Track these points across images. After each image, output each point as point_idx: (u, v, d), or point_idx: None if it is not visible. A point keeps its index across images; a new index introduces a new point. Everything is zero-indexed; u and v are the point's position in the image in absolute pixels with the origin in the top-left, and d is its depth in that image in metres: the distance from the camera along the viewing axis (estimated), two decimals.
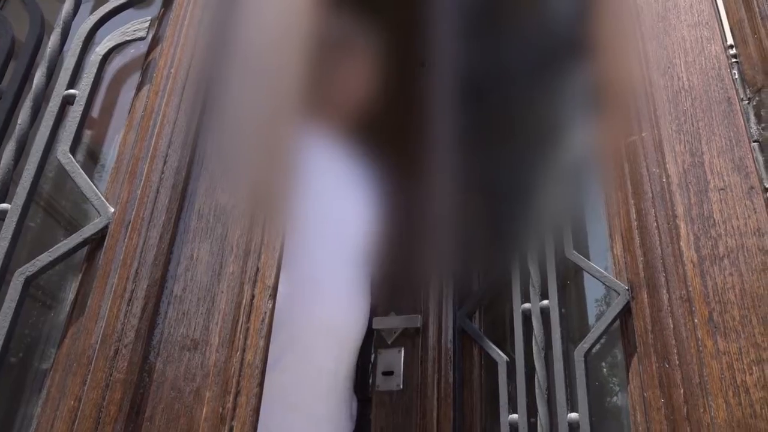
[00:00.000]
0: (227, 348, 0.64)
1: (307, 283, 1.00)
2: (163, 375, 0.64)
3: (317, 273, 1.03)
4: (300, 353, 0.97)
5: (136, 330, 0.64)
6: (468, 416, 1.04)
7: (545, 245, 1.05)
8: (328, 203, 1.12)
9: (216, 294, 0.68)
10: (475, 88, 1.26)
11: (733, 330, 0.77)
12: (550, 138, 1.12)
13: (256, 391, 0.62)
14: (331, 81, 1.21)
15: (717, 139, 0.89)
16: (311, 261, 1.02)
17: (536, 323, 1.00)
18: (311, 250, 1.03)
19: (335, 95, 1.24)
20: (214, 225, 0.72)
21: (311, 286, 1.01)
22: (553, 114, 1.13)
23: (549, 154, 1.11)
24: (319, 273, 1.04)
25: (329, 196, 1.13)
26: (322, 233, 1.08)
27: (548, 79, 1.14)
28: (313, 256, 1.03)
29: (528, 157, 1.14)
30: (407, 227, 1.21)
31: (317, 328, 1.01)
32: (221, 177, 0.76)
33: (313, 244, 1.06)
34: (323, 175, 1.14)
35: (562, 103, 1.12)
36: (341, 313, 1.06)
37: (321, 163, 1.15)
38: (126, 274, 0.67)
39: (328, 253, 1.07)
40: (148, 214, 0.70)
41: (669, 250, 0.86)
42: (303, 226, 1.01)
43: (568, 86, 1.12)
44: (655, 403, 0.81)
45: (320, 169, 1.13)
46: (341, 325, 1.05)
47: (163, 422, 0.61)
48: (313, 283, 1.02)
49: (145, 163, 0.75)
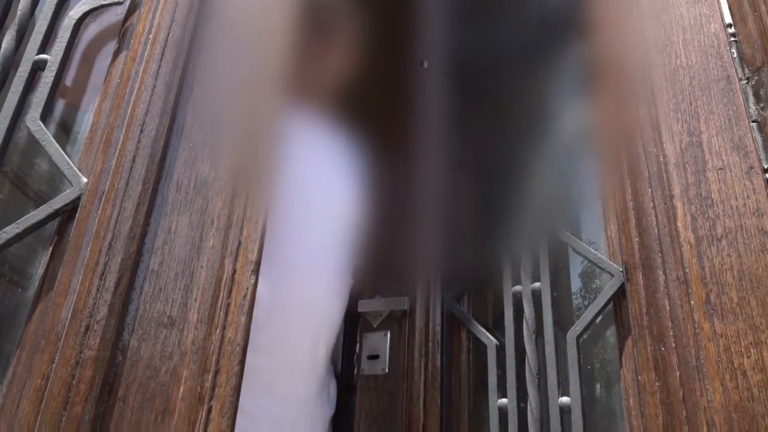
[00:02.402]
0: (206, 325, 0.61)
1: (285, 262, 0.97)
2: (137, 353, 0.60)
3: (297, 252, 1.00)
4: (276, 333, 0.93)
5: (109, 305, 0.60)
6: (455, 401, 1.01)
7: (537, 227, 1.02)
8: (311, 182, 1.08)
9: (195, 269, 0.64)
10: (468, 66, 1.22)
11: (730, 312, 0.75)
12: (544, 118, 1.09)
13: (236, 370, 0.58)
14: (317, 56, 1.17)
15: (716, 118, 0.87)
16: (291, 240, 0.99)
17: (527, 306, 0.97)
18: (292, 229, 0.99)
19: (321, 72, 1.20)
20: (193, 197, 0.68)
21: (290, 266, 0.98)
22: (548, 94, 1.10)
23: (542, 135, 1.09)
24: (299, 253, 1.00)
25: (313, 175, 1.10)
26: (305, 212, 1.05)
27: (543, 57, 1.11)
28: (293, 235, 0.99)
29: (520, 137, 1.11)
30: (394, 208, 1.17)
31: (295, 308, 0.97)
32: (202, 148, 0.72)
33: (295, 223, 1.02)
34: (308, 154, 1.10)
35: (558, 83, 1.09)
36: (321, 293, 1.02)
37: (306, 141, 1.11)
38: (99, 246, 0.63)
39: (310, 233, 1.03)
40: (123, 185, 0.66)
41: (666, 230, 0.83)
42: (285, 205, 0.97)
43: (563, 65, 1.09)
44: (649, 386, 0.79)
45: (305, 147, 1.10)
46: (320, 306, 1.01)
47: (137, 402, 0.57)
48: (293, 262, 0.99)
49: (120, 131, 0.71)
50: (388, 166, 1.21)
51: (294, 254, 0.99)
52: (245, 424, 0.89)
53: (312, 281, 1.02)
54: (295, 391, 0.96)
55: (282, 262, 0.96)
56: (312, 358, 1.00)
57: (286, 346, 0.95)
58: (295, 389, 0.97)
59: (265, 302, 0.92)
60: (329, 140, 1.17)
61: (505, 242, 1.06)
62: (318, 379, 1.01)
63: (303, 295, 0.99)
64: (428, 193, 1.19)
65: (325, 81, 1.22)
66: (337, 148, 1.17)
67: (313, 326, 1.00)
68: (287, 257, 0.98)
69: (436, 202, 1.16)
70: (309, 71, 1.13)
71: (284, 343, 0.95)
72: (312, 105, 1.15)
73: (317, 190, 1.10)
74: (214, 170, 0.70)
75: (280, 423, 0.94)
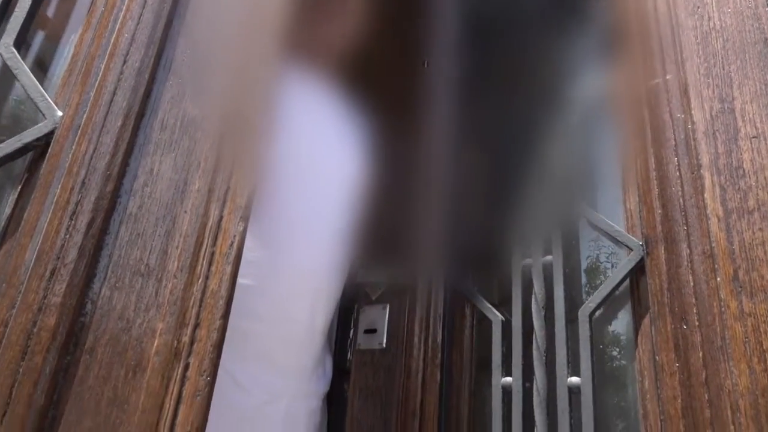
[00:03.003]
0: (187, 274, 0.54)
1: (283, 226, 0.90)
2: (109, 302, 0.54)
3: (294, 216, 0.93)
4: (272, 300, 0.87)
5: (79, 248, 0.54)
6: (456, 378, 0.95)
7: (550, 198, 0.96)
8: (313, 142, 1.01)
9: (178, 214, 0.58)
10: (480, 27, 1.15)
11: (761, 290, 0.68)
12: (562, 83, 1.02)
13: (219, 324, 0.52)
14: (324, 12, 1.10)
15: (750, 83, 0.80)
16: (288, 203, 0.92)
17: (537, 280, 0.91)
18: (288, 192, 0.93)
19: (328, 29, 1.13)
20: (180, 137, 0.62)
21: (286, 230, 0.91)
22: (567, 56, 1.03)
23: (559, 101, 1.02)
24: (295, 217, 0.93)
25: (315, 136, 1.03)
26: (304, 175, 0.98)
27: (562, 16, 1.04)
28: (289, 198, 0.93)
29: (536, 103, 1.04)
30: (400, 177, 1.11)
31: (292, 275, 0.91)
32: (191, 86, 0.65)
33: (294, 185, 0.95)
34: (310, 112, 1.04)
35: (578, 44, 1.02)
36: (320, 261, 0.95)
37: (308, 98, 1.04)
38: (71, 183, 0.56)
39: (308, 197, 0.97)
40: (101, 118, 0.60)
41: (692, 202, 0.77)
42: (283, 162, 0.91)
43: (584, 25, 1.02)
44: (668, 367, 0.73)
45: (307, 104, 1.03)
46: (319, 274, 0.95)
47: (107, 355, 0.51)
48: (291, 227, 0.92)
49: (101, 61, 0.64)
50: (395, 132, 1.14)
51: (293, 219, 0.93)
52: (238, 397, 0.83)
53: (311, 248, 0.95)
54: (291, 363, 0.90)
55: (280, 226, 0.90)
56: (309, 330, 0.93)
57: (282, 315, 0.89)
58: (291, 361, 0.91)
59: (261, 267, 0.86)
60: (333, 101, 1.10)
61: (515, 214, 1.00)
62: (314, 353, 0.95)
63: (301, 262, 0.93)
64: (436, 161, 1.12)
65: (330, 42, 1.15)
66: (341, 110, 1.11)
67: (311, 296, 0.93)
68: (285, 222, 0.91)
69: (444, 171, 1.09)
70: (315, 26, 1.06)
71: (280, 311, 0.89)
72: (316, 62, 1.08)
73: (319, 152, 1.03)
74: (203, 109, 0.63)
75: (275, 396, 0.88)
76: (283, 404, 0.89)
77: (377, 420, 0.99)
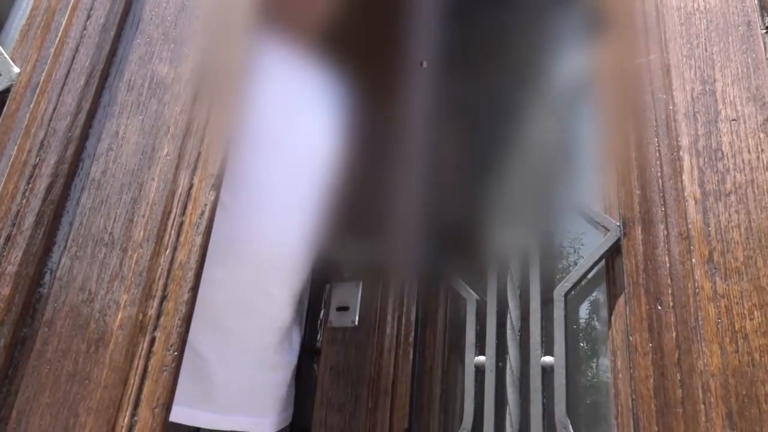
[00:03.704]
0: (154, 244, 0.51)
1: (251, 193, 0.87)
2: (69, 273, 0.50)
3: (265, 185, 0.90)
4: (236, 271, 0.84)
5: (37, 214, 0.50)
6: (429, 357, 0.95)
7: (527, 177, 0.95)
8: (285, 113, 0.98)
9: (145, 180, 0.54)
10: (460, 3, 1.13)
11: (735, 271, 0.69)
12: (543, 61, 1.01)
13: (187, 297, 0.50)
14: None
15: (732, 65, 0.80)
16: (258, 172, 0.89)
17: (513, 260, 0.90)
18: (260, 161, 0.90)
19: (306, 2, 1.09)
20: (147, 99, 0.58)
21: (256, 198, 0.88)
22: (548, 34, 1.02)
23: (540, 80, 1.00)
24: (267, 186, 0.90)
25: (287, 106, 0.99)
26: (277, 145, 0.95)
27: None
28: (260, 167, 0.90)
29: (516, 82, 1.02)
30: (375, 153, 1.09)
31: (257, 244, 0.88)
32: (161, 45, 0.61)
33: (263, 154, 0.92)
34: (285, 83, 1.00)
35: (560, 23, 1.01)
36: (289, 233, 0.93)
37: (283, 68, 1.00)
38: (28, 145, 0.53)
39: (282, 168, 0.94)
40: (62, 76, 0.56)
41: (670, 183, 0.77)
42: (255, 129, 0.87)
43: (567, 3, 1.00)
44: (641, 347, 0.73)
45: (282, 74, 0.99)
46: (287, 246, 0.92)
47: (67, 328, 0.48)
48: (259, 195, 0.89)
49: (63, 15, 0.59)
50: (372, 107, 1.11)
51: (261, 186, 0.89)
52: (198, 364, 0.81)
53: (279, 218, 0.92)
54: (254, 335, 0.88)
55: (247, 193, 0.87)
56: (275, 303, 0.91)
57: (245, 286, 0.86)
58: (254, 333, 0.88)
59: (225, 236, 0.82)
60: (309, 72, 1.06)
61: (493, 194, 0.98)
62: (280, 325, 0.93)
63: (268, 232, 0.90)
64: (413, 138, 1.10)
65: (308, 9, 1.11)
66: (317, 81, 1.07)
67: (278, 267, 0.91)
68: (253, 189, 0.88)
69: (421, 149, 1.08)
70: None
71: (243, 281, 0.86)
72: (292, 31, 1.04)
73: (292, 123, 1.00)
74: (173, 70, 0.59)
75: (236, 368, 0.85)
76: (245, 375, 0.87)
77: (348, 398, 0.98)
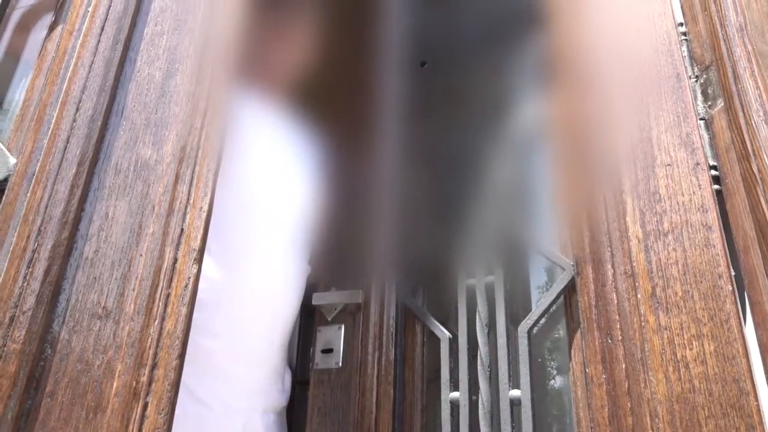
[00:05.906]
0: (144, 316, 0.57)
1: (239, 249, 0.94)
2: (68, 346, 0.56)
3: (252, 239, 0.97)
4: (230, 317, 0.91)
5: (37, 295, 0.56)
6: (408, 394, 1.00)
7: (492, 220, 1.02)
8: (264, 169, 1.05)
9: (133, 257, 0.60)
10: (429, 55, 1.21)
11: (675, 305, 0.76)
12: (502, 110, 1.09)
13: (175, 364, 0.55)
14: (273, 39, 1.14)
15: (665, 114, 0.88)
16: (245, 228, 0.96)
17: (480, 299, 0.97)
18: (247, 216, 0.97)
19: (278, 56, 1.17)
20: (133, 181, 0.65)
21: (244, 252, 0.95)
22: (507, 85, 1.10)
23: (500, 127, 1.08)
24: (253, 240, 0.97)
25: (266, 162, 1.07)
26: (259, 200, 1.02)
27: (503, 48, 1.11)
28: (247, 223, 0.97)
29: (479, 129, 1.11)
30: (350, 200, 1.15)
31: (249, 293, 0.95)
32: (144, 129, 0.68)
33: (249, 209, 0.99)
34: (261, 139, 1.07)
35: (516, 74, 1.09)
36: (276, 281, 1.00)
37: (259, 126, 1.08)
38: (27, 231, 0.59)
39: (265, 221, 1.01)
40: (55, 166, 0.62)
41: (615, 225, 0.84)
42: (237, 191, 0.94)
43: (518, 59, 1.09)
44: (596, 378, 0.80)
45: (258, 132, 1.07)
46: (276, 294, 0.99)
47: (67, 398, 0.54)
48: (247, 249, 0.96)
49: (54, 109, 0.66)
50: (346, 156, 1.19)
51: (248, 241, 0.97)
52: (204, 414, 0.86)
53: (267, 268, 0.99)
54: (248, 379, 0.94)
55: (236, 247, 0.94)
56: (267, 345, 0.98)
57: (240, 331, 0.93)
58: (248, 376, 0.95)
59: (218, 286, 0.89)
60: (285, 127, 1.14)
61: (460, 234, 1.05)
62: (273, 367, 0.99)
63: (258, 282, 0.97)
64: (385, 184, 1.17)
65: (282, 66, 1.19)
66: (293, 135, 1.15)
67: (268, 313, 0.98)
68: (241, 243, 0.95)
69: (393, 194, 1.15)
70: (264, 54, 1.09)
71: (239, 327, 0.93)
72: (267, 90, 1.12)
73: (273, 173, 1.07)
74: (156, 153, 0.66)
75: (232, 410, 0.91)
76: (240, 418, 0.92)
77: None
